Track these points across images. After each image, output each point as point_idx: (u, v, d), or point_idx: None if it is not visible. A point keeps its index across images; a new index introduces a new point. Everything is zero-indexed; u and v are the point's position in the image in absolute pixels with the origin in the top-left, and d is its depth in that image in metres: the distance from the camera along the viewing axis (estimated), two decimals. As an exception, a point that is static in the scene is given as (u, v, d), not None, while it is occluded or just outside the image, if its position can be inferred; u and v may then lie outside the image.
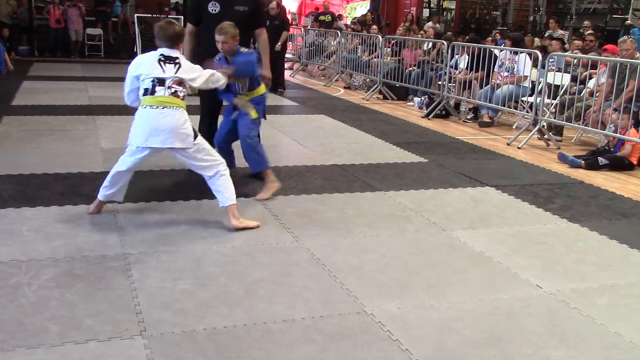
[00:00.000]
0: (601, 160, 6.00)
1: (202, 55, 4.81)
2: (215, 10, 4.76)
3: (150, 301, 2.84)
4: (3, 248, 3.36)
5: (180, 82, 3.80)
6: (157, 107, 3.70)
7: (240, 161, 4.82)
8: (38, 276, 3.04)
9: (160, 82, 3.74)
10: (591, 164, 5.97)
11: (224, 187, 3.84)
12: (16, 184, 4.57)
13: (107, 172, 4.94)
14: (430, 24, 16.23)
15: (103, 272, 3.12)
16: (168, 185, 4.71)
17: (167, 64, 3.77)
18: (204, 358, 2.41)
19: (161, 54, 3.80)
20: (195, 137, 3.80)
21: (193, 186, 4.66)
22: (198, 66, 3.96)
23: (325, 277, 3.22)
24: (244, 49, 4.44)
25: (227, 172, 3.91)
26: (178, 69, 3.78)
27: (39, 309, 2.72)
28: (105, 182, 3.94)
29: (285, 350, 2.50)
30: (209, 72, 3.99)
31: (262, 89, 4.65)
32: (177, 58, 3.81)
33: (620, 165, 6.01)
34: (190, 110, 3.89)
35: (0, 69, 10.83)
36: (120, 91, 4.01)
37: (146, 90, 3.76)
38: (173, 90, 3.76)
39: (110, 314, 2.71)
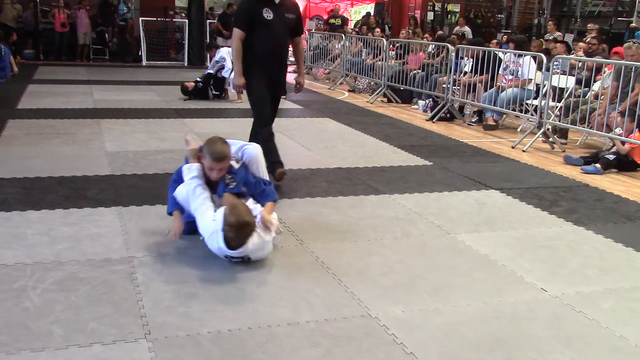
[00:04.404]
0: (609, 155, 6.03)
1: (254, 62, 4.77)
2: (269, 17, 4.72)
3: (155, 304, 2.85)
4: (8, 251, 3.37)
5: None
6: None
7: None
8: (43, 279, 3.04)
9: None
10: (605, 163, 5.97)
11: None
12: (21, 187, 4.58)
13: (112, 175, 4.99)
14: (457, 27, 16.23)
15: (108, 276, 3.13)
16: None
17: None
18: (208, 361, 2.41)
19: None
20: None
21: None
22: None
23: (330, 280, 3.22)
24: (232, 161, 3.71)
25: None
26: None
27: (44, 312, 2.72)
28: None
29: (289, 353, 2.50)
30: None
31: None
32: None
33: (625, 162, 6.01)
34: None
35: (5, 73, 10.88)
36: (125, 94, 4.02)
37: None
38: None
39: (115, 317, 2.71)
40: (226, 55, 9.51)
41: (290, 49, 5.28)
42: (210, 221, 3.28)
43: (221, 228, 3.18)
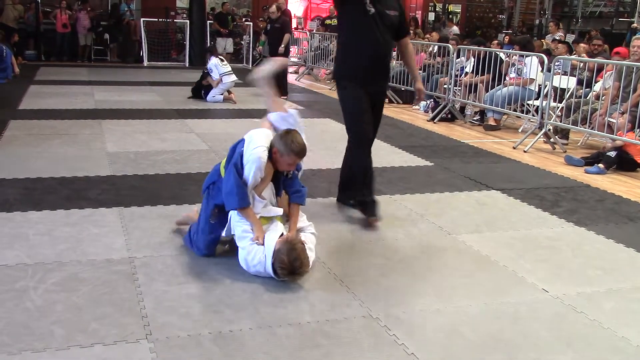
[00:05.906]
0: (611, 153, 6.03)
1: (351, 67, 4.25)
2: (371, 11, 4.07)
3: (156, 305, 2.85)
4: (9, 252, 3.37)
5: None
6: None
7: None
8: (44, 280, 3.04)
9: None
10: (608, 162, 5.97)
11: None
12: (22, 187, 4.58)
13: (114, 176, 4.99)
14: (447, 28, 16.25)
15: (109, 276, 3.13)
16: (174, 189, 4.72)
17: None
18: (209, 362, 2.41)
19: None
20: None
21: (199, 190, 4.66)
22: None
23: (331, 280, 3.22)
24: None
25: None
26: None
27: (45, 312, 2.72)
28: None
29: (290, 354, 2.50)
30: None
31: None
32: None
33: (625, 159, 6.01)
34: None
35: (7, 73, 10.89)
36: (126, 95, 4.01)
37: None
38: None
39: (116, 317, 2.71)
40: (213, 67, 9.44)
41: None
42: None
43: (271, 263, 3.12)
